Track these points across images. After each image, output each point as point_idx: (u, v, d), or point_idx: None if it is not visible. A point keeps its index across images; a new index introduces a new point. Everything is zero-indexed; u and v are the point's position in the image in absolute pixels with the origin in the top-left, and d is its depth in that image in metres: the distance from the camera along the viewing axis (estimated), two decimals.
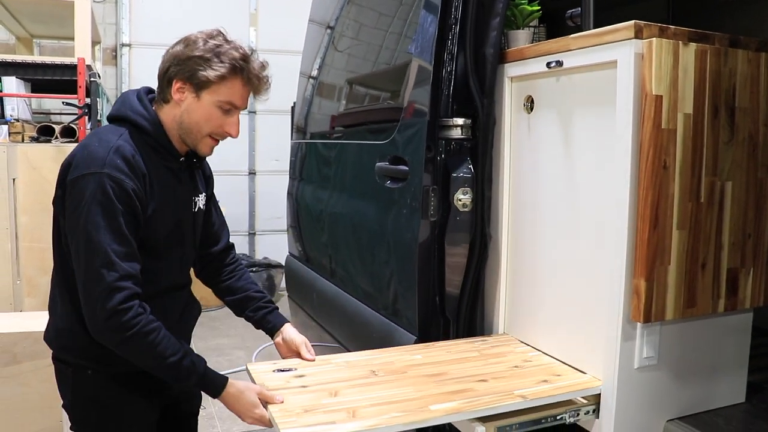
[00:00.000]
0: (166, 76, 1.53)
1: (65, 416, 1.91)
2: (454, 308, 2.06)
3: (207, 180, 1.78)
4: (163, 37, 6.49)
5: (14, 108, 3.74)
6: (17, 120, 3.70)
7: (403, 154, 2.12)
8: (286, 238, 3.51)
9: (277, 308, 1.86)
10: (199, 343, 4.13)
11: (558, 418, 1.64)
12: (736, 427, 1.69)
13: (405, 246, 2.08)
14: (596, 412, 1.66)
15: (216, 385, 1.54)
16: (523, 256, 1.97)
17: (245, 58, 1.51)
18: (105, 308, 1.39)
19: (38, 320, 2.73)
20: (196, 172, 1.70)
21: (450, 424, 1.95)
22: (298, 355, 1.79)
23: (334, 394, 1.58)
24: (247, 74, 1.52)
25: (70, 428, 1.61)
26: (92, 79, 3.00)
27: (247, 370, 1.76)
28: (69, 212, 1.46)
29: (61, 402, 1.62)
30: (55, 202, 1.55)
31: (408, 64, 2.16)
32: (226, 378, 1.56)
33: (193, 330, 1.80)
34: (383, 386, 1.64)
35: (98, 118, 3.05)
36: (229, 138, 1.61)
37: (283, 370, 1.73)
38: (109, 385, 1.57)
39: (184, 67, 1.49)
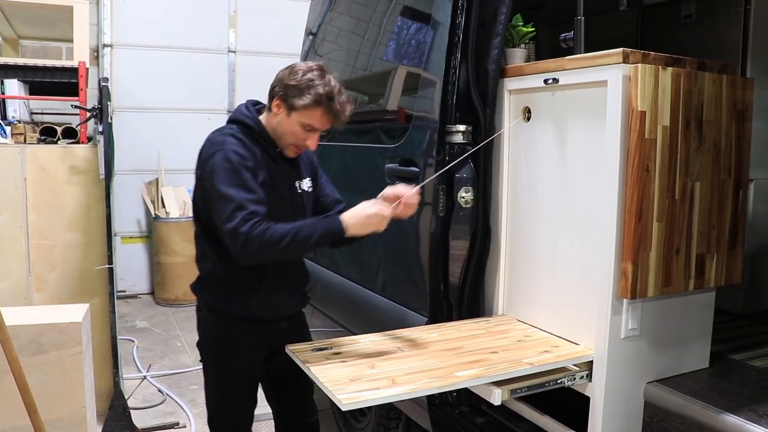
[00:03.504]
0: (271, 93, 1.99)
1: (88, 400, 2.14)
2: (456, 293, 2.34)
3: (313, 168, 2.20)
4: (145, 38, 6.66)
5: (16, 110, 3.88)
6: (19, 121, 3.83)
7: (413, 156, 2.38)
8: None
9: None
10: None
11: (558, 382, 1.93)
12: (703, 387, 2.00)
13: (417, 239, 2.35)
14: (589, 376, 1.96)
15: (335, 225, 1.90)
16: (520, 246, 2.26)
17: (329, 95, 1.92)
18: (241, 234, 1.79)
19: (63, 312, 2.88)
20: (296, 160, 2.10)
21: (463, 396, 2.26)
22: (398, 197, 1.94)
23: (372, 367, 1.84)
24: (327, 107, 1.93)
25: (200, 361, 2.15)
26: (103, 83, 3.17)
27: (287, 349, 2.01)
28: (206, 183, 1.91)
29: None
30: (195, 186, 2.03)
31: (418, 74, 2.42)
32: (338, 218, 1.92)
33: (304, 291, 2.27)
34: (411, 359, 1.91)
35: (109, 120, 3.22)
36: None
37: (320, 349, 1.98)
38: (227, 327, 2.06)
39: (283, 90, 1.94)
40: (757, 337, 2.53)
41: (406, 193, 1.93)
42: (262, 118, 2.04)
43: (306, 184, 2.14)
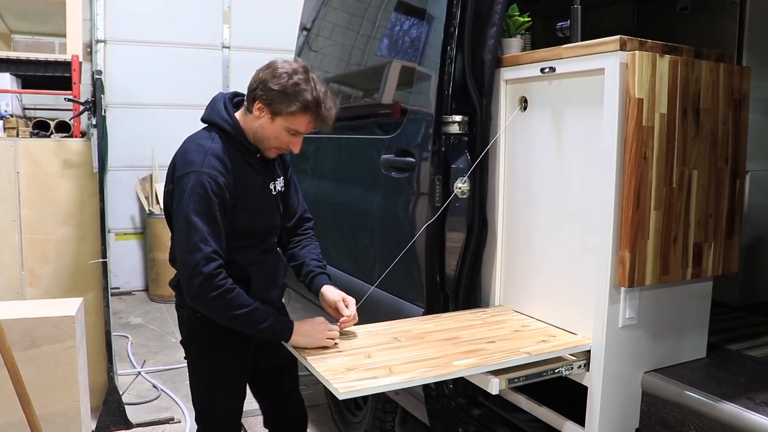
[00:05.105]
0: (251, 94, 1.87)
1: (82, 395, 2.12)
2: (453, 284, 2.33)
3: (285, 166, 2.14)
4: (138, 34, 6.61)
5: (8, 104, 3.85)
6: (11, 115, 3.80)
7: (410, 147, 2.37)
8: None
9: (323, 273, 2.14)
10: None
11: (556, 371, 1.93)
12: (700, 376, 2.00)
13: (413, 229, 2.34)
14: (587, 366, 1.95)
15: (284, 329, 1.90)
16: (517, 236, 2.25)
17: (317, 101, 1.84)
18: (202, 273, 1.76)
19: (56, 306, 2.86)
20: (271, 160, 2.03)
21: (459, 387, 2.25)
22: (337, 311, 2.03)
23: (369, 356, 1.83)
24: (315, 114, 1.87)
25: (184, 358, 2.10)
26: (97, 76, 3.15)
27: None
28: (176, 201, 1.82)
29: (179, 339, 2.14)
30: (165, 195, 1.93)
31: (414, 67, 2.40)
32: (292, 321, 1.94)
33: (284, 280, 2.18)
34: (408, 349, 1.90)
35: (103, 113, 3.19)
36: None
37: None
38: (212, 325, 1.94)
39: (266, 94, 1.82)
40: (753, 327, 2.53)
41: (345, 314, 2.01)
42: (240, 117, 1.94)
43: (279, 183, 2.09)
